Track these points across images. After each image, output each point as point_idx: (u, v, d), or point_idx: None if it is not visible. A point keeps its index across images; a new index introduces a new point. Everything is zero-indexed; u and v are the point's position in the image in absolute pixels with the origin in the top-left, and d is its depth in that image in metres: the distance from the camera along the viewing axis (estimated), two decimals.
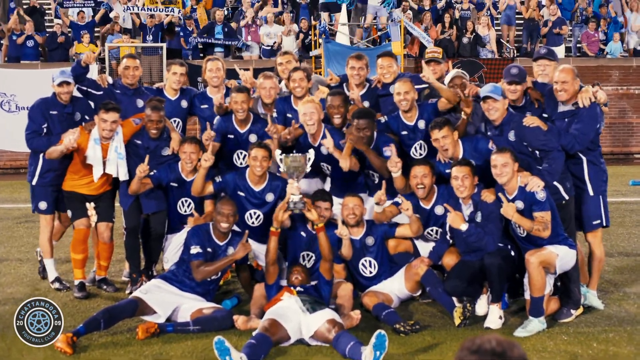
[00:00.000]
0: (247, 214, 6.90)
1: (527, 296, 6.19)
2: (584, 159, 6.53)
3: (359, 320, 6.17)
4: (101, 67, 18.31)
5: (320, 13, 20.55)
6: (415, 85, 7.10)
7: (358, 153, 6.83)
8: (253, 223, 6.89)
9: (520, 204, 6.10)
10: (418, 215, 6.66)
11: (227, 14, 21.74)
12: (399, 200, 6.67)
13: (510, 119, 6.49)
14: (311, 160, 6.48)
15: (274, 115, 7.41)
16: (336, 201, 6.84)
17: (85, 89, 7.54)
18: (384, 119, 7.12)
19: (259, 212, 6.89)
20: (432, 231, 6.85)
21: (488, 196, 6.33)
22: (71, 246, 7.32)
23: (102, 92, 7.51)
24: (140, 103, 7.49)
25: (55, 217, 7.63)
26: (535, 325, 6.04)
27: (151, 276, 7.18)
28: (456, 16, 21.35)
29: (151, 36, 19.94)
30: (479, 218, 6.38)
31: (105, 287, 7.42)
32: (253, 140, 7.16)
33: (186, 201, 7.22)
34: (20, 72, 17.98)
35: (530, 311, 6.11)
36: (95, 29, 20.82)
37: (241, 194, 6.87)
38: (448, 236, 6.67)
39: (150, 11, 20.11)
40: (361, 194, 6.96)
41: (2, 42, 20.25)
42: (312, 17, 21.03)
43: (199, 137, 7.39)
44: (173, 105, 7.63)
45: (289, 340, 5.73)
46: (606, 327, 6.18)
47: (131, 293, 6.80)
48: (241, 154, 7.31)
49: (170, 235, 7.32)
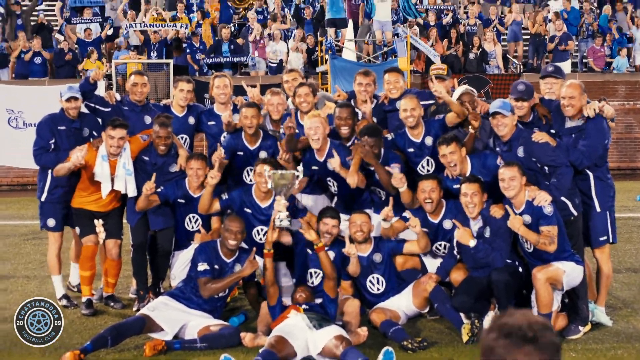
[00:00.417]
0: (255, 230, 6.89)
1: (535, 313, 6.17)
2: (591, 175, 6.50)
3: (366, 337, 6.15)
4: (108, 84, 18.37)
5: (327, 29, 20.58)
6: (421, 102, 7.09)
7: (364, 169, 6.83)
8: (260, 240, 6.87)
9: (527, 218, 6.08)
10: (426, 229, 6.66)
11: (234, 30, 21.78)
12: (407, 215, 6.67)
13: (519, 135, 6.47)
14: (299, 178, 6.48)
15: (282, 131, 7.42)
16: (342, 218, 6.82)
17: (93, 105, 7.58)
18: (390, 136, 7.12)
19: (266, 229, 6.85)
20: (440, 246, 6.84)
21: (497, 211, 6.32)
22: (79, 263, 7.32)
23: (109, 109, 7.54)
24: (148, 119, 7.51)
25: (73, 235, 7.60)
26: None
27: (158, 293, 7.17)
28: (462, 31, 21.40)
29: (155, 52, 19.97)
30: (487, 233, 6.36)
31: (112, 304, 7.42)
32: (263, 157, 7.15)
33: (193, 217, 7.22)
34: (28, 89, 18.08)
35: None
36: (102, 45, 20.92)
37: (248, 210, 6.87)
38: (455, 251, 6.65)
39: (154, 27, 20.10)
40: (367, 210, 6.96)
41: (10, 59, 20.36)
42: (317, 33, 21.07)
43: (206, 154, 7.41)
44: (180, 121, 7.63)
45: (295, 358, 5.72)
46: (614, 343, 6.15)
47: (138, 310, 6.79)
48: (251, 170, 7.25)
49: (178, 252, 7.30)
